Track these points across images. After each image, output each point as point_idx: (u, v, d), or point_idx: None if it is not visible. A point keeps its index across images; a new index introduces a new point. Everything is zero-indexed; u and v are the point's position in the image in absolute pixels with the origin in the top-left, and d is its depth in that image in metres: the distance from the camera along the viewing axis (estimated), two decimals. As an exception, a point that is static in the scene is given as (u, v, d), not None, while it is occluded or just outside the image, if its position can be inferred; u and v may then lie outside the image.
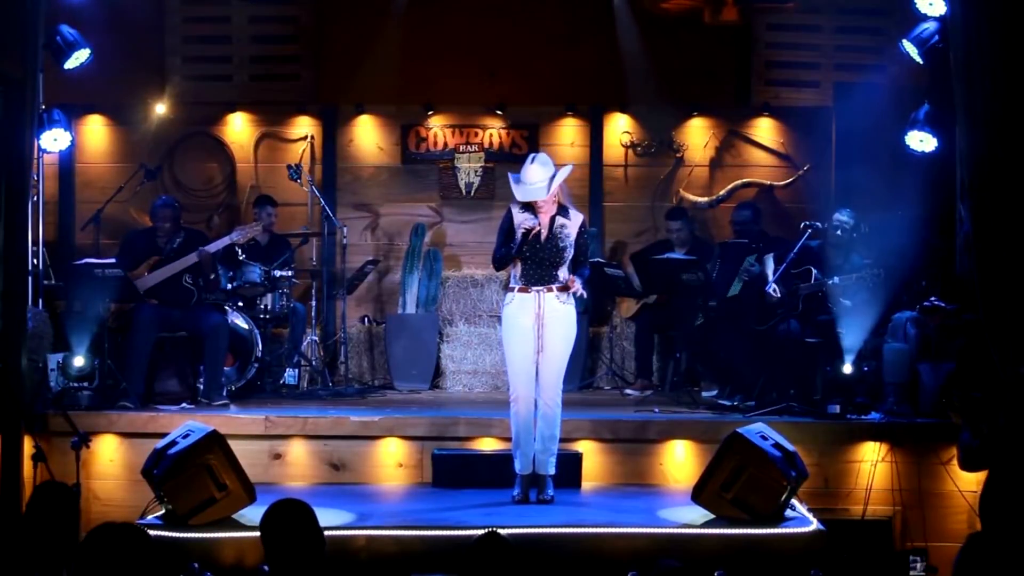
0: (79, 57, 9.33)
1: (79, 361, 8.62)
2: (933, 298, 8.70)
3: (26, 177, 7.96)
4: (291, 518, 4.98)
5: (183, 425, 7.23)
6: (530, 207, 7.31)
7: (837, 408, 8.47)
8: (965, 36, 7.56)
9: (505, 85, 11.41)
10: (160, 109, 11.20)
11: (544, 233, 7.29)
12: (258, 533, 4.94)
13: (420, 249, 11.03)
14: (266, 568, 5.45)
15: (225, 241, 9.38)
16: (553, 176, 7.26)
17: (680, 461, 8.23)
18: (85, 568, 4.61)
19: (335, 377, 10.45)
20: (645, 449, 8.27)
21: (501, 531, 5.22)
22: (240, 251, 9.66)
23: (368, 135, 11.61)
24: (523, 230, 7.24)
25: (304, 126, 11.57)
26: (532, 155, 7.37)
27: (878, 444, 8.17)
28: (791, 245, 8.98)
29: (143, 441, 8.01)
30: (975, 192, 7.62)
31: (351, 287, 10.87)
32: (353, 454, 8.28)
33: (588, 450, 8.14)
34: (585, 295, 7.45)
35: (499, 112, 11.49)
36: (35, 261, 9.33)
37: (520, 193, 7.30)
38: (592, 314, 10.82)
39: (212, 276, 9.30)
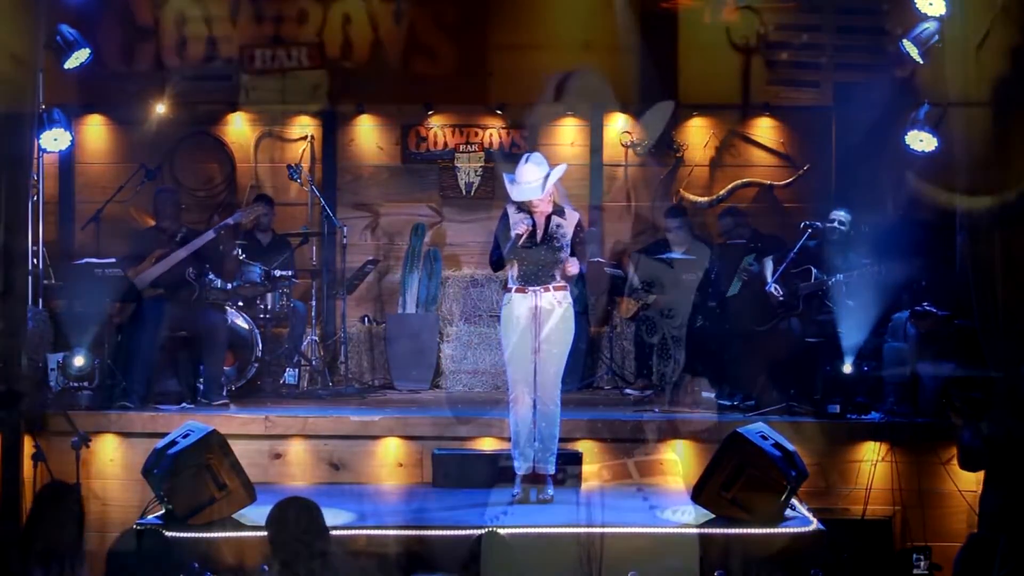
0: (79, 57, 9.33)
1: (79, 361, 8.62)
2: (925, 303, 8.69)
3: (26, 177, 7.95)
4: (299, 515, 4.99)
5: (183, 425, 7.24)
6: (525, 207, 7.31)
7: (837, 408, 8.47)
8: (964, 36, 7.56)
9: (505, 85, 11.41)
10: (160, 109, 11.19)
11: (540, 233, 7.30)
12: (258, 533, 4.95)
13: (420, 249, 11.03)
14: (266, 568, 5.46)
15: (229, 221, 9.41)
16: (547, 175, 7.26)
17: (680, 461, 8.22)
18: (115, 570, 4.64)
19: (335, 377, 10.44)
20: (645, 449, 8.26)
21: (501, 531, 5.23)
22: (240, 251, 9.68)
23: (368, 135, 11.61)
24: (515, 234, 7.24)
25: (304, 126, 11.56)
26: (526, 155, 7.40)
27: (878, 444, 8.17)
28: (788, 244, 8.98)
29: (143, 441, 8.02)
30: (973, 192, 7.62)
31: (351, 287, 10.86)
32: (353, 454, 8.29)
33: (588, 450, 8.14)
34: (584, 270, 7.44)
35: (499, 112, 11.49)
36: (35, 261, 9.34)
37: (515, 193, 7.30)
38: (592, 314, 10.81)
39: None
